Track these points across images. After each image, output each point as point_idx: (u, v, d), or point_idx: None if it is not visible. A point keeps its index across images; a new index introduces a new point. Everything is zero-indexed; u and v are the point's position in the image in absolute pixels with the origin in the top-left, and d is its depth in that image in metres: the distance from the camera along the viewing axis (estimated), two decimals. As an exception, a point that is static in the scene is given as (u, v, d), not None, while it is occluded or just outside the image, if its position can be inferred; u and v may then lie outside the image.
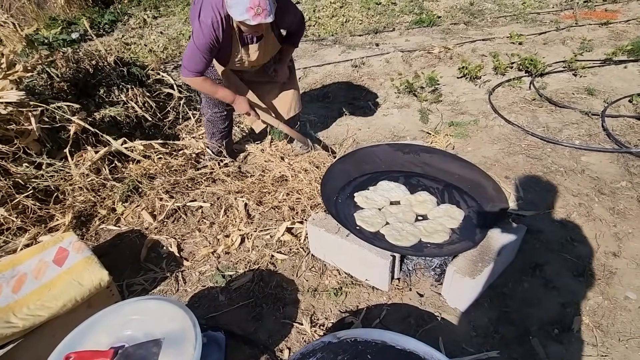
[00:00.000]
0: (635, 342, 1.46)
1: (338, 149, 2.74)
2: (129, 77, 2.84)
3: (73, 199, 2.19)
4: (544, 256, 1.82)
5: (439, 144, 2.70)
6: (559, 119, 2.94)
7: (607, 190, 2.19)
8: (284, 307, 1.67)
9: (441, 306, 1.63)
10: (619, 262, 1.78)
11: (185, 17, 6.61)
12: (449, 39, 4.79)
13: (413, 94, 3.44)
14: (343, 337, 1.23)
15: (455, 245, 1.64)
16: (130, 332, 1.09)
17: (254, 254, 1.95)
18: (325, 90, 3.69)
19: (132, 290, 1.80)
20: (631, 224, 1.96)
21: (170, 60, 4.69)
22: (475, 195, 1.90)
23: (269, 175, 2.43)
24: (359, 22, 5.75)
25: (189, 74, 1.94)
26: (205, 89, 2.06)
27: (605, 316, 1.56)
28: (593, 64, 3.77)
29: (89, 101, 2.54)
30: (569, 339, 1.48)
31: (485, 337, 1.51)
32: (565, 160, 2.47)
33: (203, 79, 1.99)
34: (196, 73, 1.94)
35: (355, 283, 1.75)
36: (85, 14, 6.60)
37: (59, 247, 1.63)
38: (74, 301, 1.43)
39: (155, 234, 2.09)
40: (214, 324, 1.59)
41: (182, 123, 3.00)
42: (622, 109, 3.01)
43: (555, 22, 5.14)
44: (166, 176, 2.38)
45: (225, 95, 2.11)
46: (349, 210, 1.86)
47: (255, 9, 1.65)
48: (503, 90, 3.45)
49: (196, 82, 1.99)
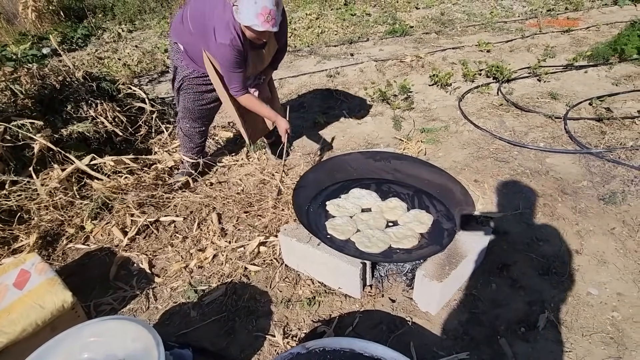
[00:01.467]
0: (598, 337, 1.51)
1: (313, 159, 2.77)
2: (98, 92, 2.80)
3: (39, 219, 2.13)
4: (511, 257, 1.87)
5: (412, 150, 2.76)
6: (524, 122, 3.06)
7: (570, 190, 2.28)
8: (257, 320, 1.66)
9: (412, 311, 1.65)
10: (581, 259, 1.85)
11: (161, 30, 6.58)
12: (421, 48, 4.93)
13: (386, 102, 3.51)
14: (312, 347, 1.23)
15: (423, 250, 1.67)
16: (89, 355, 1.06)
17: (227, 266, 1.93)
18: (301, 100, 3.72)
19: (100, 310, 1.75)
20: (592, 222, 2.04)
21: (145, 73, 4.65)
22: (444, 199, 1.95)
23: (244, 188, 2.42)
24: (334, 33, 5.85)
25: (238, 93, 2.07)
26: (253, 104, 2.17)
27: (569, 312, 1.61)
28: (556, 69, 3.95)
29: (55, 117, 2.49)
30: (534, 337, 1.51)
31: (455, 339, 1.53)
32: (530, 162, 2.56)
33: (249, 95, 2.12)
34: (242, 90, 2.06)
35: (329, 292, 1.75)
36: (57, 28, 6.49)
37: (20, 269, 1.57)
38: (35, 325, 1.38)
39: (125, 251, 2.05)
40: (184, 341, 1.56)
41: (155, 137, 2.97)
42: (583, 111, 3.15)
43: (520, 30, 5.36)
44: (137, 191, 2.34)
45: (269, 113, 2.23)
46: (320, 219, 1.87)
47: (266, 16, 1.73)
48: (472, 96, 3.56)
49: (246, 99, 2.13)
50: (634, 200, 2.14)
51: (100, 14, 7.48)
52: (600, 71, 3.85)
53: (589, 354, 1.45)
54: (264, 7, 1.71)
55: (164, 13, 7.63)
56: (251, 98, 2.13)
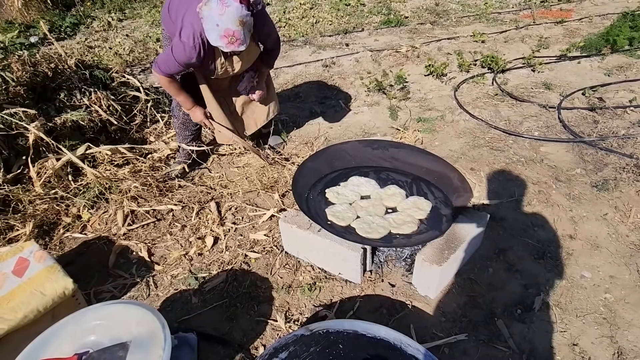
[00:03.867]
0: (591, 317, 1.56)
1: (310, 148, 2.77)
2: (91, 80, 2.75)
3: (34, 209, 2.10)
4: (507, 242, 1.91)
5: (408, 140, 2.77)
6: (519, 112, 3.09)
7: (564, 178, 2.33)
8: (258, 306, 1.67)
9: (412, 295, 1.68)
10: (575, 243, 1.89)
11: (152, 19, 6.45)
12: (416, 39, 4.92)
13: (382, 92, 3.51)
14: (315, 329, 1.25)
15: (422, 235, 1.69)
16: (95, 338, 1.07)
17: (228, 254, 1.94)
18: (297, 90, 3.70)
19: (100, 298, 1.75)
20: (585, 208, 2.09)
21: (137, 63, 4.57)
22: (442, 186, 1.97)
23: (242, 175, 2.42)
24: (328, 23, 5.80)
25: (159, 72, 1.99)
26: (169, 89, 2.10)
27: (564, 295, 1.65)
28: (549, 60, 3.98)
29: (48, 106, 2.44)
30: (530, 318, 1.56)
31: (454, 321, 1.56)
32: (525, 151, 2.60)
33: (170, 80, 2.04)
34: (166, 74, 1.99)
35: (329, 277, 1.77)
36: (45, 17, 6.32)
37: (18, 257, 1.56)
38: (36, 312, 1.38)
39: (124, 240, 2.04)
40: (187, 327, 1.57)
41: (150, 126, 2.94)
42: (576, 101, 3.19)
43: (514, 21, 5.38)
44: (134, 180, 2.32)
45: (185, 100, 2.15)
46: (320, 206, 1.88)
47: (229, 38, 1.72)
48: (467, 86, 3.58)
49: (164, 80, 2.03)
50: (626, 187, 2.19)
51: (89, 2, 7.29)
52: (593, 62, 3.89)
53: (583, 334, 1.50)
54: (226, 30, 1.70)
55: (155, 1, 7.47)
56: (166, 80, 2.01)
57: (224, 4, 1.66)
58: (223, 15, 1.67)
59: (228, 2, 1.66)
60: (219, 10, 1.67)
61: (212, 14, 1.68)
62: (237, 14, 1.68)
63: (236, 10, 1.67)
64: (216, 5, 1.67)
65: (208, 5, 1.69)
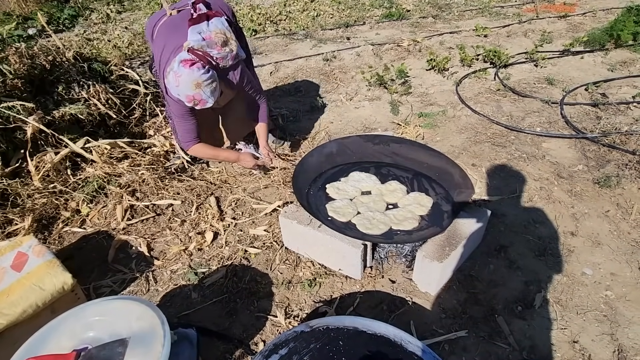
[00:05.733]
0: (592, 315, 1.56)
1: (311, 143, 2.75)
2: (90, 73, 2.72)
3: (32, 203, 2.09)
4: (508, 238, 1.90)
5: (409, 135, 2.75)
6: (521, 107, 3.07)
7: (566, 174, 2.31)
8: (258, 301, 1.67)
9: (412, 291, 1.67)
10: (576, 240, 1.88)
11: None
12: (418, 32, 4.87)
13: (384, 87, 3.48)
14: (315, 326, 1.25)
15: (424, 232, 1.68)
16: (94, 334, 1.06)
17: (227, 249, 1.93)
18: (297, 85, 3.67)
19: (100, 293, 1.74)
20: (587, 205, 2.08)
21: (137, 56, 4.53)
22: (443, 182, 1.96)
23: (240, 170, 2.40)
24: (329, 16, 5.75)
25: (188, 145, 2.06)
26: (207, 154, 2.17)
27: (565, 292, 1.65)
28: (552, 55, 3.94)
29: (46, 99, 2.42)
30: (531, 315, 1.55)
31: (454, 318, 1.56)
32: (527, 147, 2.58)
33: (201, 145, 2.09)
34: (193, 140, 2.06)
35: (329, 273, 1.77)
36: (43, 8, 6.25)
37: (17, 251, 1.55)
38: (35, 307, 1.37)
39: (123, 235, 2.03)
40: (186, 322, 1.56)
41: (150, 120, 2.91)
42: (579, 97, 3.17)
43: (517, 15, 5.33)
44: (134, 175, 2.31)
45: (228, 155, 2.21)
46: (320, 201, 1.87)
47: (193, 102, 1.82)
48: (469, 81, 3.55)
49: (197, 150, 2.11)
50: (628, 184, 2.18)
51: (87, -6, 7.21)
52: (596, 57, 3.85)
53: (583, 331, 1.49)
54: (187, 96, 1.78)
55: (154, -6, 7.38)
56: (198, 148, 2.10)
57: (176, 75, 1.73)
58: (179, 87, 1.75)
59: (179, 71, 1.73)
60: (174, 82, 1.75)
61: (171, 87, 1.79)
62: (189, 81, 1.73)
63: (188, 77, 1.72)
64: (172, 78, 1.76)
65: (167, 79, 1.79)
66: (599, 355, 1.41)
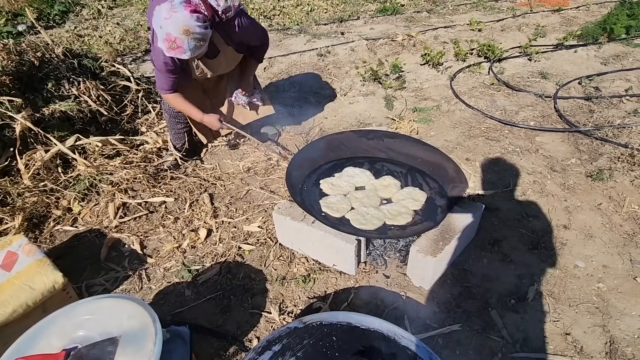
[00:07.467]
0: (584, 307, 1.57)
1: (305, 138, 2.73)
2: (80, 70, 2.68)
3: (23, 201, 2.06)
4: (502, 232, 1.91)
5: (404, 130, 2.75)
6: (515, 102, 3.07)
7: (559, 168, 2.32)
8: (252, 298, 1.66)
9: (406, 286, 1.67)
10: (569, 233, 1.89)
11: (143, 7, 6.30)
12: (412, 27, 4.85)
13: (378, 82, 3.47)
14: (309, 322, 1.24)
15: (417, 226, 1.68)
16: (84, 333, 1.04)
17: (221, 246, 1.92)
18: (291, 80, 3.65)
19: (92, 291, 1.73)
20: (580, 198, 2.09)
21: (128, 52, 4.47)
22: (437, 177, 1.96)
23: (235, 169, 2.39)
24: (323, 11, 5.71)
25: (161, 90, 2.04)
26: (177, 105, 2.13)
27: (557, 284, 1.66)
28: (546, 49, 3.94)
29: (35, 96, 2.38)
30: (524, 308, 1.56)
31: (448, 312, 1.57)
32: (521, 141, 2.59)
33: (174, 96, 2.06)
34: (167, 90, 2.02)
35: (323, 269, 1.76)
36: (33, 4, 6.14)
37: (7, 251, 1.53)
38: (25, 306, 1.36)
39: (115, 233, 2.01)
40: (180, 320, 1.56)
41: (142, 117, 2.88)
42: (572, 90, 3.18)
43: (511, 10, 5.32)
44: (126, 172, 2.28)
45: (195, 112, 2.17)
46: (314, 197, 1.86)
47: (169, 43, 1.70)
48: (464, 75, 3.55)
49: (169, 98, 2.08)
50: (620, 177, 2.19)
51: (78, -10, 7.10)
52: (590, 51, 3.86)
53: (576, 323, 1.50)
54: (167, 34, 1.68)
55: (146, -11, 7.28)
56: (171, 97, 2.06)
57: (172, 9, 1.65)
58: (168, 20, 1.65)
59: (177, 8, 1.65)
60: (165, 13, 1.65)
61: (159, 16, 1.67)
62: (181, 22, 1.65)
63: (182, 18, 1.64)
64: (166, 8, 1.65)
65: (160, 7, 1.69)
66: (591, 347, 1.42)
